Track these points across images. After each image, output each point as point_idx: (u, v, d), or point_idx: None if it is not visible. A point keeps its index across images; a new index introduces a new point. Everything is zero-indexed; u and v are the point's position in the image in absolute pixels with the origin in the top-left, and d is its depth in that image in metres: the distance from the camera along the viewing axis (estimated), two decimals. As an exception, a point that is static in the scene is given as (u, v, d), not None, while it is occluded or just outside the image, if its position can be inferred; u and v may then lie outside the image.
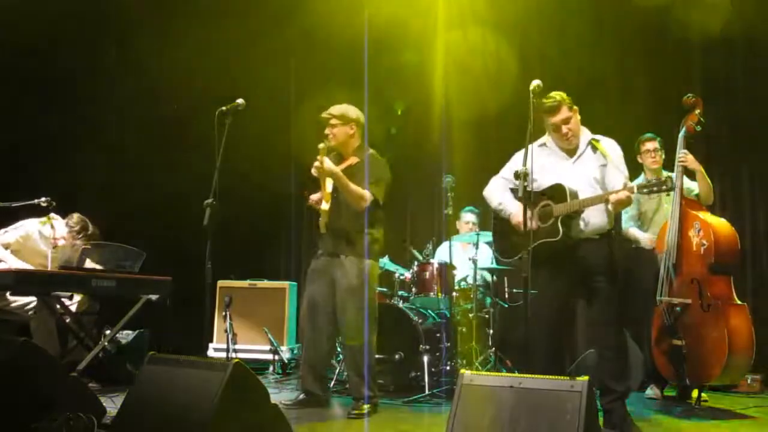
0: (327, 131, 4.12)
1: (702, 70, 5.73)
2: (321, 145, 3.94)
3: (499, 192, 3.84)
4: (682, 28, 5.72)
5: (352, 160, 4.12)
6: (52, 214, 4.82)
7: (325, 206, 3.99)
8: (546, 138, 3.79)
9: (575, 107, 3.67)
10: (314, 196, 4.14)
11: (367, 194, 3.95)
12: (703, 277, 4.08)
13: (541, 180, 3.64)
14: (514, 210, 3.69)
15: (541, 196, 3.63)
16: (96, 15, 6.59)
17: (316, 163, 3.88)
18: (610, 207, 3.53)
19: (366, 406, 3.91)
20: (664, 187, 3.39)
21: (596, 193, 3.57)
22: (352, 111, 4.14)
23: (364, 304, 3.97)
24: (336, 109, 4.12)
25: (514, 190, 3.76)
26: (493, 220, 3.98)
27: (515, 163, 3.81)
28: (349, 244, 4.01)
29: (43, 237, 4.81)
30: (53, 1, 6.18)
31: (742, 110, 5.57)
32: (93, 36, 6.62)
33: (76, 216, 4.88)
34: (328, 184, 3.99)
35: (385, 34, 7.06)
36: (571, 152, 3.72)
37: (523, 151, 3.77)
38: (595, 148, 3.69)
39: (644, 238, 4.73)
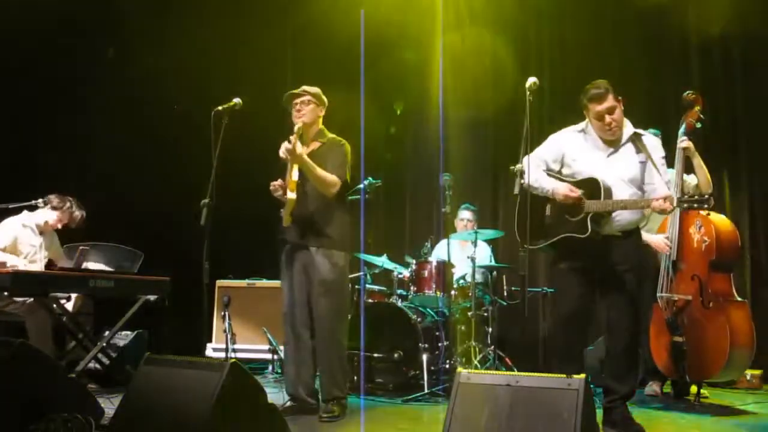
0: (297, 108, 3.86)
1: (701, 68, 5.72)
2: (298, 125, 3.71)
3: (532, 170, 3.48)
4: (682, 25, 5.72)
5: (314, 145, 3.92)
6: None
7: (291, 195, 3.66)
8: (585, 124, 3.60)
9: (620, 98, 3.49)
10: (276, 183, 3.84)
11: (336, 179, 3.77)
12: (704, 274, 4.07)
13: (574, 167, 3.52)
14: (555, 186, 3.47)
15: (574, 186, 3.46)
16: (95, 15, 6.59)
17: (287, 145, 3.61)
18: (646, 212, 3.41)
19: (336, 408, 3.74)
20: (705, 206, 3.24)
21: (630, 191, 3.44)
22: (323, 95, 3.98)
23: (338, 300, 3.81)
24: (311, 88, 3.94)
25: (549, 173, 3.58)
26: (518, 202, 3.56)
27: (549, 146, 3.64)
28: (318, 235, 3.79)
29: (27, 227, 4.72)
30: (52, 3, 6.18)
31: (742, 109, 5.57)
32: (92, 37, 6.62)
33: (52, 197, 4.76)
34: (294, 172, 3.68)
35: (384, 33, 7.07)
36: (610, 144, 3.53)
37: (557, 136, 3.67)
38: (636, 144, 3.51)
39: (656, 241, 4.38)
